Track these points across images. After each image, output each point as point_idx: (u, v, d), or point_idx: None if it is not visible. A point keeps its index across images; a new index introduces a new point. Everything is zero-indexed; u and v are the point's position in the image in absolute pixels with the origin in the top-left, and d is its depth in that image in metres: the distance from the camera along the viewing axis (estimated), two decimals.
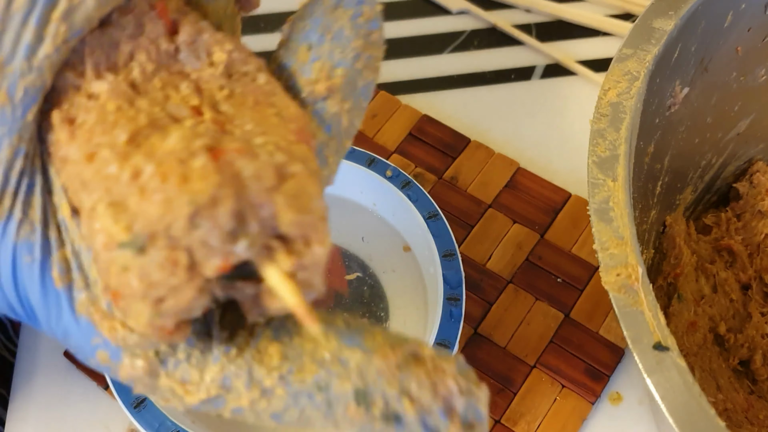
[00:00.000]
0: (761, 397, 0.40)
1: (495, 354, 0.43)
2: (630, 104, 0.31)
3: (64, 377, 0.43)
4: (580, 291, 0.45)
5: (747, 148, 0.45)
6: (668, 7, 0.34)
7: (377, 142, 0.51)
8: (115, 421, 0.42)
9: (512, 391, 0.42)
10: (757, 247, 0.44)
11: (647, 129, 0.34)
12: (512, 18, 0.59)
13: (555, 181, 0.50)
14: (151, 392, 0.21)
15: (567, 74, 0.56)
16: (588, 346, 0.43)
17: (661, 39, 0.33)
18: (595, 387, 0.41)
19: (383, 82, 0.55)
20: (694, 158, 0.42)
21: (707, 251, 0.44)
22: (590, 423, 0.41)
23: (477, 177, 0.49)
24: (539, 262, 0.46)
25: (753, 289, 0.43)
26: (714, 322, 0.41)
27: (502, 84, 0.56)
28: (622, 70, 0.32)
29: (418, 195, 0.43)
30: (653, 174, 0.38)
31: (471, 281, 0.45)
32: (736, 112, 0.42)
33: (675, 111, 0.37)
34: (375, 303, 0.44)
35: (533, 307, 0.44)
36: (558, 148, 0.52)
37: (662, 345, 0.26)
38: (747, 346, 0.41)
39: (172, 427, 0.36)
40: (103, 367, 0.21)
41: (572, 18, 0.58)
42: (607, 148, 0.30)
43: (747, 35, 0.38)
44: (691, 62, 0.36)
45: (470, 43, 0.58)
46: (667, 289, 0.41)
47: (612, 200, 0.29)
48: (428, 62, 0.57)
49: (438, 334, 0.38)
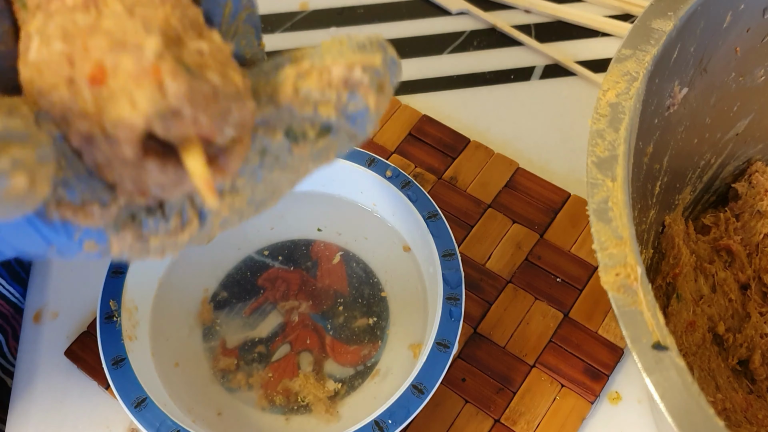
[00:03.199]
0: (760, 397, 0.40)
1: (494, 353, 0.43)
2: (629, 104, 0.31)
3: (64, 377, 0.43)
4: (579, 291, 0.45)
5: (746, 148, 0.45)
6: (667, 8, 0.34)
7: (377, 142, 0.51)
8: (115, 421, 0.42)
9: (512, 390, 0.42)
10: (755, 247, 0.44)
11: (646, 129, 0.34)
12: (512, 18, 0.59)
13: (554, 181, 0.50)
14: (145, 255, 0.23)
15: (566, 75, 0.56)
16: (587, 346, 0.43)
17: (660, 39, 0.33)
18: (594, 386, 0.42)
19: None
20: (693, 158, 0.42)
21: (706, 251, 0.44)
22: (589, 422, 0.41)
23: (476, 177, 0.50)
24: (538, 261, 0.46)
25: (752, 288, 0.43)
26: (713, 321, 0.41)
27: (501, 84, 0.56)
28: (621, 70, 0.32)
29: (417, 195, 0.43)
30: (652, 174, 0.38)
31: (470, 281, 0.45)
32: (734, 112, 0.42)
33: (674, 111, 0.37)
34: (375, 303, 0.44)
35: (532, 307, 0.44)
36: (557, 149, 0.52)
37: (661, 345, 0.26)
38: (746, 346, 0.41)
39: (172, 427, 0.36)
40: (94, 253, 0.22)
41: (571, 19, 0.59)
42: (606, 149, 0.30)
43: (746, 36, 0.39)
44: (690, 63, 0.36)
45: (470, 43, 0.58)
46: (666, 289, 0.41)
47: (611, 200, 0.29)
48: (428, 62, 0.57)
49: (438, 333, 0.38)
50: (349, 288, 0.45)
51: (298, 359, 0.42)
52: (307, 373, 0.42)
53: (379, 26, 0.59)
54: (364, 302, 0.44)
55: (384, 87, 0.24)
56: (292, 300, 0.44)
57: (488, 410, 0.41)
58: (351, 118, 0.24)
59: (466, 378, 0.42)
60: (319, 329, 0.43)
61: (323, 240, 0.46)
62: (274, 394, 0.41)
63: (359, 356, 0.42)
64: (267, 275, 0.45)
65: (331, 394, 0.41)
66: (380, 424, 0.36)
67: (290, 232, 0.47)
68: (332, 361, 0.42)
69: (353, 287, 0.45)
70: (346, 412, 0.41)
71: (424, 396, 0.37)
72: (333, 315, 0.44)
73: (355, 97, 0.23)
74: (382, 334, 0.43)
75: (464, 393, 0.42)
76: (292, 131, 0.24)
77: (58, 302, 0.46)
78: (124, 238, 0.22)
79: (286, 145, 0.24)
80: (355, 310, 0.44)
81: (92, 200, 0.21)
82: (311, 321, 0.44)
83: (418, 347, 0.42)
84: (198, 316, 0.44)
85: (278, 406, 0.41)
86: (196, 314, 0.44)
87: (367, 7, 0.60)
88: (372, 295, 0.44)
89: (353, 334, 0.43)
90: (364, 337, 0.43)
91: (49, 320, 0.45)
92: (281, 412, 0.41)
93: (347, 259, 0.46)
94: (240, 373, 0.42)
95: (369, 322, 0.44)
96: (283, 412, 0.41)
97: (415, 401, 0.36)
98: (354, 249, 0.46)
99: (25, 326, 0.45)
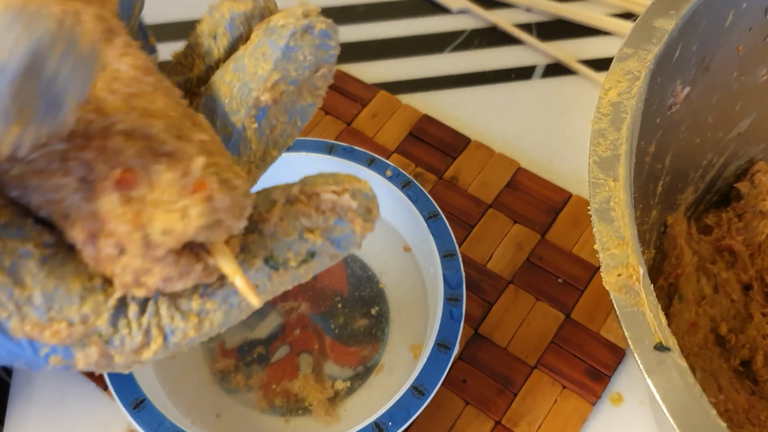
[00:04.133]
0: (762, 398, 0.40)
1: (495, 354, 0.43)
2: (631, 104, 0.31)
3: (63, 378, 0.43)
4: (580, 291, 0.45)
5: (748, 147, 0.45)
6: (669, 7, 0.34)
7: (377, 142, 0.51)
8: (114, 422, 0.41)
9: (513, 391, 0.41)
10: (758, 247, 0.44)
11: (648, 129, 0.34)
12: (513, 17, 0.59)
13: (556, 181, 0.50)
14: (111, 369, 0.23)
15: (568, 74, 0.56)
16: (589, 347, 0.43)
17: (662, 38, 0.33)
18: (595, 387, 0.41)
19: (383, 82, 0.55)
20: (695, 158, 0.42)
21: (708, 251, 0.43)
22: (591, 423, 0.41)
23: (477, 177, 0.49)
24: (540, 262, 0.46)
25: (754, 289, 0.43)
26: (715, 322, 0.41)
27: (502, 83, 0.55)
28: (623, 69, 0.32)
29: (418, 195, 0.43)
30: (654, 174, 0.38)
31: (471, 281, 0.45)
32: (737, 111, 0.42)
33: (676, 110, 0.37)
34: (375, 303, 0.44)
35: (534, 308, 0.44)
36: (559, 148, 0.52)
37: (663, 345, 0.25)
38: (748, 347, 0.41)
39: (171, 428, 0.36)
40: (60, 367, 0.22)
41: (573, 17, 0.58)
42: (608, 148, 0.30)
43: (748, 35, 0.38)
44: (692, 62, 0.36)
45: (470, 42, 0.58)
46: (668, 290, 0.41)
47: (613, 200, 0.29)
48: (428, 62, 0.57)
49: (438, 334, 0.38)
50: (348, 288, 0.45)
51: (297, 360, 0.42)
52: (306, 374, 0.42)
53: (379, 25, 0.58)
54: (364, 303, 0.44)
55: (372, 211, 0.24)
56: (292, 301, 0.44)
57: (489, 411, 0.41)
58: (336, 242, 0.24)
59: (466, 379, 0.42)
60: (318, 330, 0.43)
61: None
62: (274, 396, 0.41)
63: (359, 357, 0.42)
64: None
65: (330, 396, 0.41)
66: (380, 426, 0.36)
67: None
68: (332, 362, 0.42)
69: (353, 288, 0.45)
70: (346, 413, 0.41)
71: (425, 397, 0.36)
72: (333, 316, 0.44)
73: (342, 222, 0.23)
74: (383, 334, 0.43)
75: (465, 394, 0.41)
76: (273, 259, 0.23)
77: None
78: (90, 355, 0.22)
79: (266, 273, 0.23)
80: (355, 311, 0.44)
81: (59, 318, 0.21)
82: (311, 322, 0.44)
83: (419, 348, 0.42)
84: None
85: (278, 408, 0.41)
86: None
87: (367, 6, 0.60)
88: (372, 296, 0.44)
89: (353, 335, 0.43)
90: (364, 337, 0.43)
91: None
92: (281, 414, 0.41)
93: (347, 260, 0.46)
94: (239, 374, 0.42)
95: (369, 322, 0.43)
96: (283, 413, 0.41)
97: (416, 402, 0.36)
98: None
99: None
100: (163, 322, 0.23)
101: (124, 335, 0.22)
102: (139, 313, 0.22)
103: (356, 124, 0.52)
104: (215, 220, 0.21)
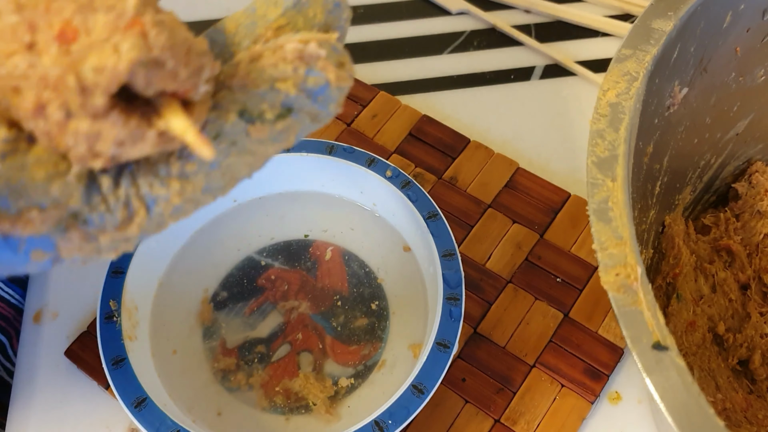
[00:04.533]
0: (760, 397, 0.40)
1: (494, 353, 0.43)
2: (629, 104, 0.31)
3: (64, 377, 0.43)
4: (579, 291, 0.45)
5: (746, 148, 0.45)
6: (667, 8, 0.34)
7: (377, 142, 0.51)
8: (115, 421, 0.42)
9: (512, 390, 0.42)
10: (755, 247, 0.44)
11: (646, 129, 0.34)
12: (512, 18, 0.59)
13: (554, 181, 0.50)
14: (98, 255, 0.22)
15: (566, 74, 0.56)
16: (587, 346, 0.43)
17: (660, 39, 0.33)
18: (594, 386, 0.41)
19: (383, 83, 0.55)
20: (693, 158, 0.42)
21: (706, 251, 0.44)
22: (589, 422, 0.41)
23: (477, 177, 0.49)
24: (539, 261, 0.46)
25: (752, 289, 0.43)
26: (713, 321, 0.41)
27: (501, 84, 0.56)
28: (621, 70, 0.32)
29: (417, 195, 0.43)
30: (652, 174, 0.38)
31: (470, 281, 0.45)
32: (735, 112, 0.42)
33: (674, 111, 0.37)
34: (375, 303, 0.44)
35: (533, 307, 0.44)
36: (557, 149, 0.52)
37: (661, 344, 0.26)
38: (746, 346, 0.41)
39: (172, 427, 0.36)
40: (44, 262, 0.22)
41: (571, 18, 0.59)
42: (606, 149, 0.30)
43: (746, 36, 0.39)
44: (690, 63, 0.36)
45: (470, 43, 0.58)
46: (666, 289, 0.41)
47: (611, 200, 0.29)
48: (428, 62, 0.57)
49: (438, 333, 0.38)
50: (349, 288, 0.45)
51: (298, 359, 0.42)
52: (307, 373, 0.42)
53: (379, 26, 0.59)
54: (364, 302, 0.44)
55: (344, 64, 0.24)
56: (292, 300, 0.44)
57: (488, 410, 0.41)
58: (312, 95, 0.23)
59: (466, 378, 0.42)
60: (319, 329, 0.43)
61: (323, 240, 0.46)
62: (274, 394, 0.41)
63: (359, 356, 0.42)
64: (267, 275, 0.45)
65: (331, 394, 0.41)
66: (380, 424, 0.36)
67: (290, 232, 0.47)
68: (332, 361, 0.42)
69: (353, 287, 0.45)
70: (346, 412, 0.41)
71: (424, 396, 0.37)
72: (333, 315, 0.44)
73: (313, 71, 0.23)
74: (382, 333, 0.43)
75: (464, 393, 0.42)
76: (247, 112, 0.23)
77: (58, 302, 0.46)
78: (71, 239, 0.22)
79: (242, 127, 0.23)
80: (355, 310, 0.44)
81: (29, 206, 0.21)
82: (311, 321, 0.44)
83: (418, 347, 0.42)
84: (198, 316, 0.44)
85: (278, 406, 0.41)
86: (196, 314, 0.44)
87: (367, 7, 0.60)
88: (372, 295, 0.44)
89: (353, 334, 0.43)
90: (364, 336, 0.43)
91: (49, 320, 0.45)
92: (281, 412, 0.41)
93: (347, 259, 0.46)
94: (240, 373, 0.42)
95: (369, 321, 0.44)
96: (284, 412, 0.41)
97: (415, 401, 0.36)
98: (354, 249, 0.46)
99: (25, 326, 0.45)
100: (142, 191, 0.22)
101: (102, 212, 0.22)
102: (113, 185, 0.22)
103: (356, 124, 0.52)
104: (152, 59, 0.20)
